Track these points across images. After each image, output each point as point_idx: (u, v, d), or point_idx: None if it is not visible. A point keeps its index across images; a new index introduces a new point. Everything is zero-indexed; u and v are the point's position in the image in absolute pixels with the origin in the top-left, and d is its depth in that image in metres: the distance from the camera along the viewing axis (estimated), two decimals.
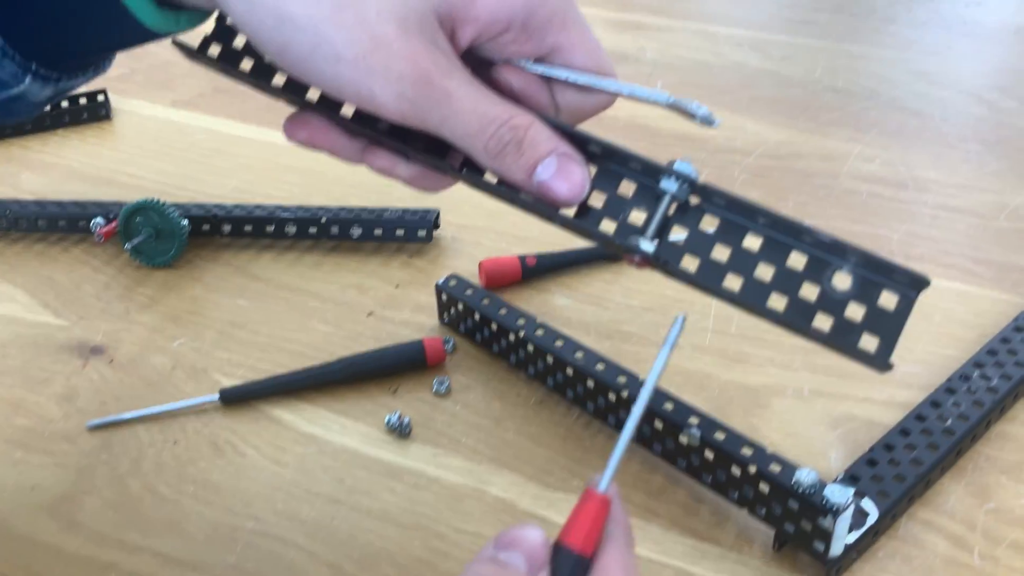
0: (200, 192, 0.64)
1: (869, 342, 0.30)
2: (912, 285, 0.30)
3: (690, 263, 0.33)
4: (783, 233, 0.32)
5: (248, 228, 0.58)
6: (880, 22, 0.86)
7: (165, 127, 0.72)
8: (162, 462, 0.45)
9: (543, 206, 0.34)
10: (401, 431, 0.46)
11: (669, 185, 0.32)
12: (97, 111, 0.73)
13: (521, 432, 0.46)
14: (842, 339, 0.30)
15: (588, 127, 0.36)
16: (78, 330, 0.53)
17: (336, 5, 0.30)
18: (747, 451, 0.40)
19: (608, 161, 0.34)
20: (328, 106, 0.36)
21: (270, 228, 0.58)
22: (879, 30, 0.85)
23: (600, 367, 0.46)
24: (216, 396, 0.48)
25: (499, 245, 0.58)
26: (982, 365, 0.48)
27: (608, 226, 0.34)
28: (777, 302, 0.32)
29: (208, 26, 0.37)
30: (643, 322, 0.53)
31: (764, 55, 0.80)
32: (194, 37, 0.37)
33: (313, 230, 0.58)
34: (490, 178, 0.35)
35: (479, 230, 0.60)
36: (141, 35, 0.34)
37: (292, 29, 0.30)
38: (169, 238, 0.57)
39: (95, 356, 0.52)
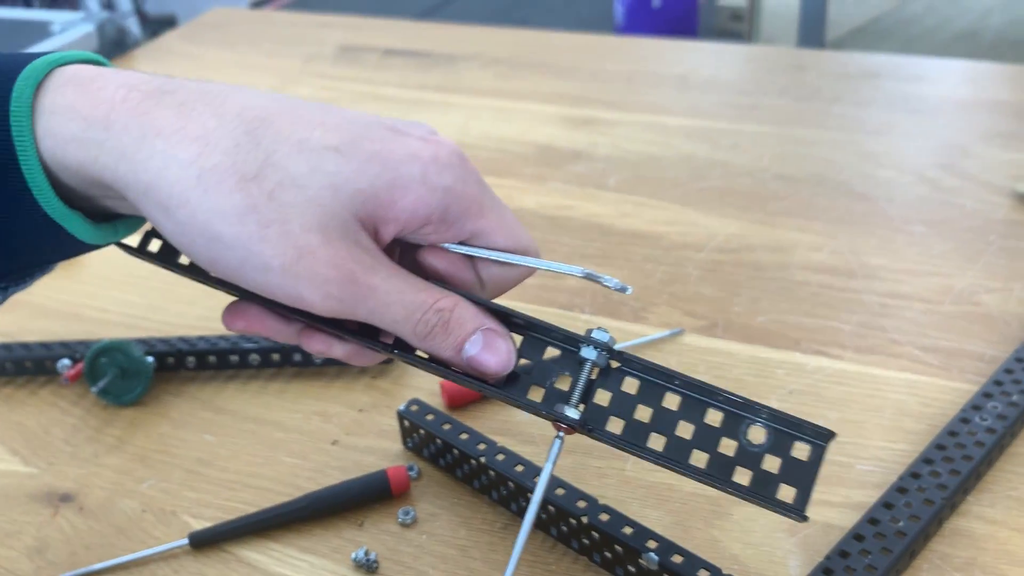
0: (165, 322, 0.65)
1: (786, 492, 0.32)
2: (820, 437, 0.32)
3: (615, 425, 0.35)
4: (698, 393, 0.34)
5: (212, 360, 0.59)
6: (825, 103, 0.89)
7: (129, 257, 0.73)
8: None
9: (472, 379, 0.37)
10: (368, 567, 0.47)
11: (589, 353, 0.35)
12: None
13: (487, 560, 0.47)
14: (761, 491, 0.32)
15: (551, 227, 0.39)
16: (48, 477, 0.54)
17: (261, 223, 0.32)
18: (703, 574, 0.41)
19: (532, 331, 0.37)
20: (264, 298, 0.37)
21: (234, 358, 0.59)
22: (824, 112, 0.87)
23: (560, 492, 0.46)
24: (186, 540, 0.49)
25: None
26: (932, 461, 0.49)
27: (536, 393, 0.36)
28: (698, 459, 0.34)
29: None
30: None
31: (713, 144, 0.83)
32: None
33: (276, 357, 0.59)
34: (422, 354, 0.37)
35: None
36: (82, 247, 0.36)
37: (221, 247, 0.33)
38: (135, 376, 0.58)
39: (64, 504, 0.52)
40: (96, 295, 0.69)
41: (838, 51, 1.28)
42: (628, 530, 0.44)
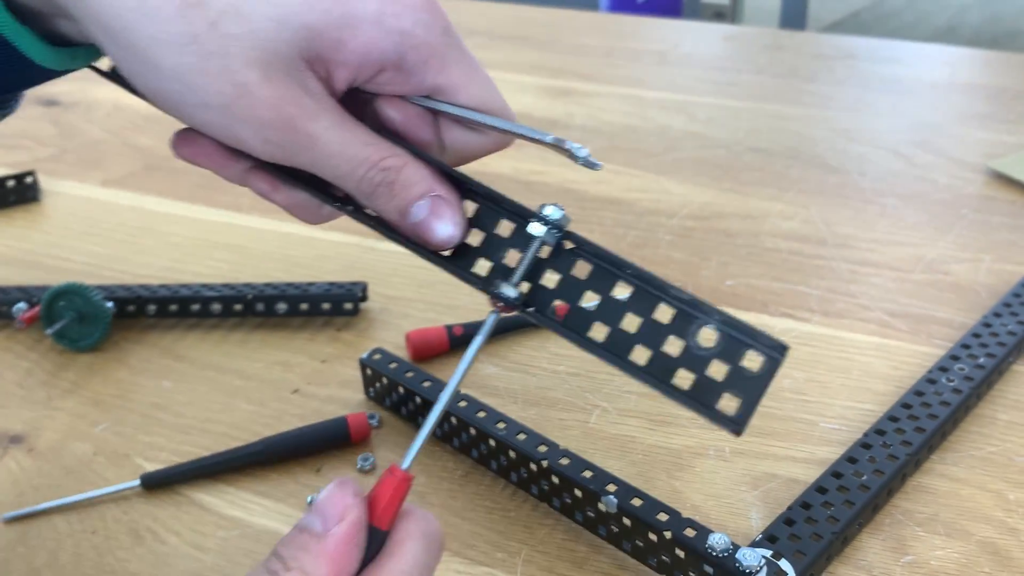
0: (128, 272, 0.64)
1: (729, 403, 0.30)
2: (776, 349, 0.30)
3: (560, 305, 0.33)
4: (650, 285, 0.32)
5: (173, 308, 0.58)
6: (801, 81, 0.89)
7: (94, 207, 0.72)
8: (80, 553, 0.44)
9: (419, 246, 0.35)
10: None
11: (537, 229, 0.33)
12: (25, 193, 0.73)
13: (446, 507, 0.46)
14: (701, 396, 0.30)
15: (526, 191, 0.36)
16: None
17: (201, 54, 0.31)
18: (663, 517, 0.41)
19: (486, 201, 0.35)
20: None
21: (195, 307, 0.58)
22: (800, 89, 0.87)
23: (521, 437, 0.46)
24: (137, 482, 0.47)
25: (428, 315, 0.59)
26: (897, 419, 0.48)
27: (483, 266, 0.34)
28: (640, 355, 0.32)
29: None
30: (569, 388, 0.53)
31: (689, 117, 0.83)
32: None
33: (239, 307, 0.58)
34: (371, 212, 0.35)
35: (408, 301, 0.60)
36: (40, 74, 0.34)
37: (159, 78, 0.31)
38: (93, 321, 0.56)
39: (14, 445, 0.51)
40: (58, 244, 0.68)
41: (816, 33, 1.29)
42: (588, 474, 0.43)
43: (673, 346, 0.31)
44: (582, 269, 0.33)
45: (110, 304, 0.57)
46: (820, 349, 0.55)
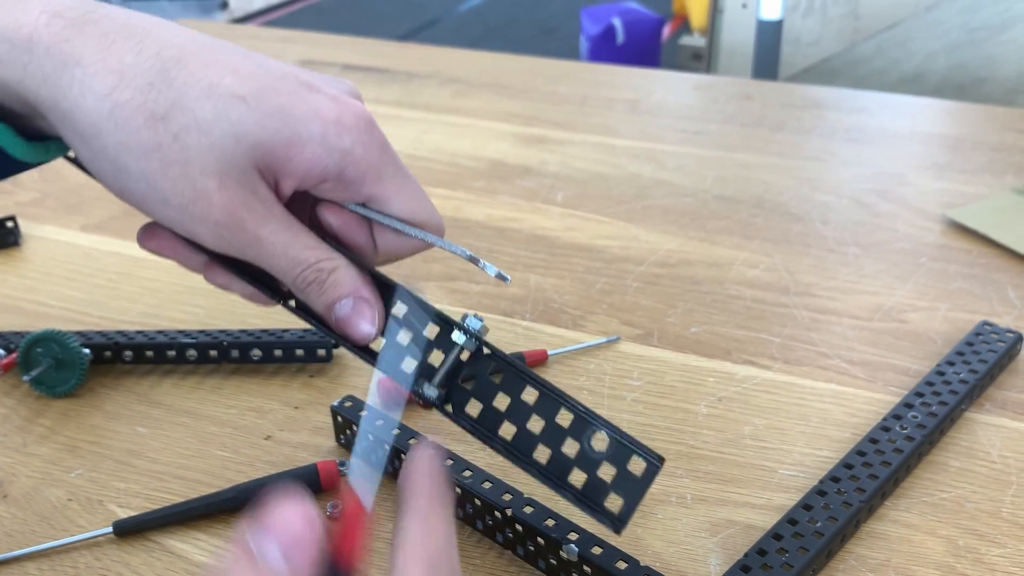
0: (106, 318, 0.65)
1: (614, 502, 0.35)
2: (655, 458, 0.35)
3: (474, 408, 0.37)
4: (553, 392, 0.37)
5: (150, 354, 0.59)
6: (768, 130, 0.91)
7: (74, 252, 0.73)
8: None
9: (347, 341, 0.39)
10: None
11: (459, 338, 0.38)
12: (6, 238, 0.74)
13: None
14: (591, 495, 0.35)
15: (498, 237, 0.43)
16: None
17: (164, 161, 0.35)
18: (621, 565, 0.42)
19: (415, 305, 0.39)
20: None
21: (171, 353, 0.59)
22: (767, 138, 0.90)
23: (487, 485, 0.47)
24: (110, 528, 0.48)
25: None
26: (852, 466, 0.50)
27: (409, 364, 0.38)
28: (542, 454, 0.36)
29: None
30: None
31: (658, 165, 0.85)
32: None
33: (214, 353, 0.59)
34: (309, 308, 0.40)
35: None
36: (15, 166, 0.37)
37: (127, 179, 0.35)
38: (70, 368, 0.57)
39: None
40: (36, 289, 0.69)
41: (784, 83, 1.32)
42: (550, 522, 0.44)
43: (570, 447, 0.36)
44: (496, 373, 0.38)
45: (87, 351, 0.58)
46: (780, 396, 0.57)
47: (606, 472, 0.35)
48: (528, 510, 0.45)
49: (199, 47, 0.36)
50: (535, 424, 0.37)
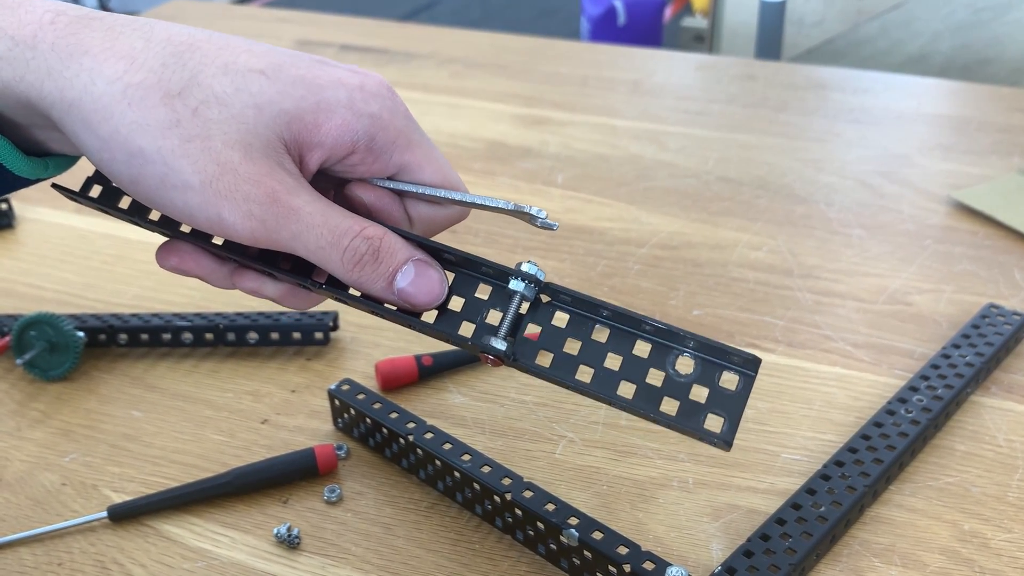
0: (100, 300, 0.64)
1: (714, 422, 0.32)
2: (748, 365, 0.32)
3: (544, 359, 0.35)
4: (626, 324, 0.34)
5: (145, 337, 0.58)
6: (772, 111, 0.90)
7: (68, 234, 0.72)
8: None
9: (404, 314, 0.36)
10: (290, 542, 0.46)
11: (517, 285, 0.35)
12: (0, 220, 0.73)
13: (411, 538, 0.47)
14: (688, 420, 0.33)
15: (497, 220, 0.39)
16: None
17: (183, 137, 0.32)
18: (622, 550, 0.41)
19: (463, 267, 0.37)
20: (199, 235, 0.37)
21: (167, 336, 0.58)
22: (770, 119, 0.89)
23: (486, 470, 0.46)
24: (104, 513, 0.48)
25: (398, 345, 0.59)
26: (856, 450, 0.49)
27: (467, 329, 0.36)
28: (626, 390, 0.34)
29: (89, 168, 0.39)
30: (536, 418, 0.54)
31: (660, 147, 0.84)
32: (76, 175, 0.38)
33: (210, 337, 0.58)
34: (353, 292, 0.37)
35: (378, 330, 0.61)
36: (12, 183, 0.36)
37: (142, 162, 0.33)
38: (64, 351, 0.57)
39: None
40: (31, 272, 0.68)
41: (787, 63, 1.30)
42: (550, 507, 0.44)
43: (655, 377, 0.33)
44: (560, 319, 0.35)
45: (81, 334, 0.57)
46: (784, 380, 0.56)
47: (698, 394, 0.33)
48: (528, 495, 0.45)
49: (208, 35, 0.34)
50: (612, 362, 0.34)
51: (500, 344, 0.35)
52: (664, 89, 0.95)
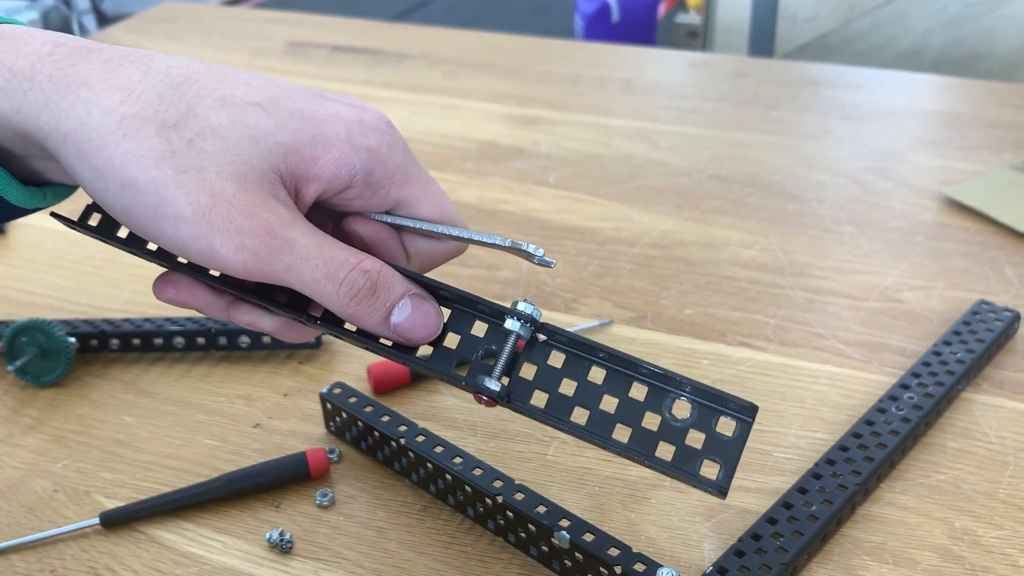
0: (92, 305, 0.64)
1: (710, 468, 0.32)
2: (745, 412, 0.32)
3: (540, 399, 0.35)
4: (622, 366, 0.34)
5: (136, 342, 0.58)
6: (764, 108, 0.90)
7: (60, 240, 0.72)
8: None
9: (399, 350, 0.36)
10: (282, 547, 0.46)
11: (513, 325, 0.35)
12: None
13: (404, 542, 0.47)
14: (684, 466, 0.32)
15: (490, 220, 0.38)
16: None
17: (177, 168, 0.32)
18: (613, 552, 0.41)
19: (458, 304, 0.36)
20: (196, 267, 0.37)
21: (159, 341, 0.58)
22: (762, 116, 0.89)
23: (477, 472, 0.46)
24: (97, 520, 0.48)
25: None
26: (847, 448, 0.49)
27: (462, 367, 0.36)
28: (622, 433, 0.33)
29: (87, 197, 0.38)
30: (528, 420, 0.54)
31: (652, 145, 0.84)
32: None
33: (202, 341, 0.58)
34: (349, 326, 0.37)
35: None
36: (10, 212, 0.36)
37: (135, 193, 0.32)
38: (56, 357, 0.57)
39: None
40: (23, 277, 0.68)
41: (780, 60, 1.30)
42: (542, 509, 0.44)
43: (651, 421, 0.33)
44: (557, 358, 0.35)
45: (72, 340, 0.57)
46: (775, 378, 0.56)
47: (695, 439, 0.32)
48: (519, 497, 0.45)
49: (206, 67, 0.34)
50: (608, 404, 0.34)
51: (494, 385, 0.34)
52: (656, 87, 0.96)
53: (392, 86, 0.97)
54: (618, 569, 0.41)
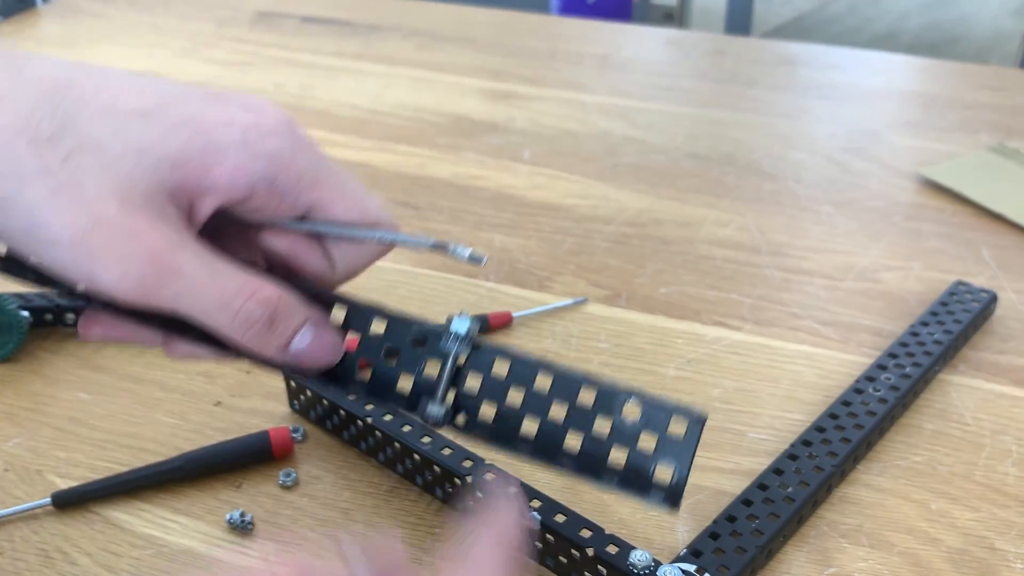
0: None
1: (664, 472, 0.31)
2: (697, 413, 0.31)
3: (488, 410, 0.33)
4: (567, 372, 0.33)
5: None
6: (741, 87, 0.89)
7: None
8: None
9: (330, 378, 0.35)
10: (243, 528, 0.44)
11: (449, 346, 0.33)
12: None
13: (369, 523, 0.45)
14: (638, 475, 0.31)
15: (463, 197, 0.37)
16: None
17: (51, 188, 0.29)
18: (585, 533, 0.40)
19: (391, 324, 0.35)
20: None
21: None
22: (740, 95, 0.88)
23: (446, 452, 0.45)
24: (48, 500, 0.46)
25: None
26: (823, 429, 0.49)
27: (406, 382, 0.34)
28: (573, 441, 0.32)
29: None
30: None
31: (629, 122, 0.82)
32: None
33: None
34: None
35: None
36: None
37: (11, 215, 0.29)
38: (7, 331, 0.54)
39: None
40: None
41: (758, 39, 1.29)
42: (513, 490, 0.42)
43: (602, 426, 0.32)
44: (502, 366, 0.34)
45: (26, 313, 0.55)
46: (750, 358, 0.56)
47: (647, 442, 0.32)
48: (489, 477, 0.43)
49: (86, 72, 0.31)
50: (558, 411, 0.33)
51: (437, 410, 0.33)
52: (633, 64, 0.94)
53: (363, 58, 0.95)
54: (590, 551, 0.39)
